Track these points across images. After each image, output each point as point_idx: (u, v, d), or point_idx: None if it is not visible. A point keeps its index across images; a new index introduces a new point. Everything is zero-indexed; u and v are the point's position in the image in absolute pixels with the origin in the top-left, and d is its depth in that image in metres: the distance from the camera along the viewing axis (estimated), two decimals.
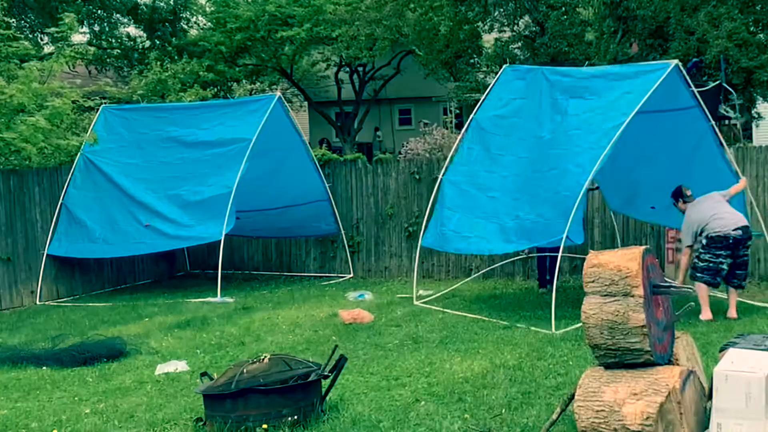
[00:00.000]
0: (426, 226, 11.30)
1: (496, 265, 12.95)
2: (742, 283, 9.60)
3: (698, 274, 9.40)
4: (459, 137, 11.41)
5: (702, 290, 9.31)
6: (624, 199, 11.87)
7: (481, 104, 11.23)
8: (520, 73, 11.36)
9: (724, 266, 9.36)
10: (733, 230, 9.30)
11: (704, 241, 9.43)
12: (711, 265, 9.33)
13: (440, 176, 11.16)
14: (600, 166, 9.46)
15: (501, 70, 11.43)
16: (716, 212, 9.42)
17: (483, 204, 10.57)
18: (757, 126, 20.13)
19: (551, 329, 8.93)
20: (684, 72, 10.19)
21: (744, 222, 9.47)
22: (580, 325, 8.91)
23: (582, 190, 9.44)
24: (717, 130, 10.41)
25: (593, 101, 10.15)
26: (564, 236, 9.39)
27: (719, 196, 9.68)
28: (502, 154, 10.71)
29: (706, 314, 9.29)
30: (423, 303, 11.15)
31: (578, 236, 10.74)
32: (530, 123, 10.60)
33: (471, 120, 11.22)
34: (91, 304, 12.44)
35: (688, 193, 9.77)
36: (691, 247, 9.59)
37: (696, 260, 9.49)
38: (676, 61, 10.00)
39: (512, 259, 12.65)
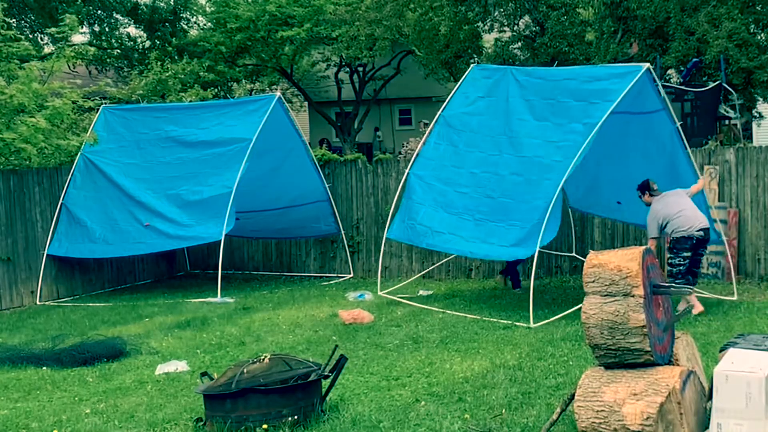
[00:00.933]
0: (391, 219, 11.52)
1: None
2: (694, 280, 9.93)
3: (678, 281, 9.55)
4: (426, 133, 11.63)
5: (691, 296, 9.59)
6: (586, 196, 12.01)
7: (448, 102, 11.46)
8: (487, 72, 11.61)
9: (691, 265, 9.72)
10: (696, 231, 9.61)
11: (670, 244, 9.72)
12: (682, 268, 9.63)
13: (407, 170, 11.38)
14: (571, 172, 9.73)
15: (469, 68, 11.69)
16: (682, 208, 9.67)
17: (452, 199, 10.77)
18: (758, 125, 20.14)
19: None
20: (654, 75, 10.37)
21: (706, 224, 9.75)
22: (557, 317, 9.33)
23: (553, 198, 9.71)
24: (681, 132, 10.73)
25: (567, 104, 10.36)
26: (537, 246, 9.67)
27: (683, 192, 9.96)
28: (470, 150, 10.92)
29: (698, 308, 9.59)
30: (386, 294, 11.53)
31: (552, 232, 10.75)
32: (499, 122, 10.79)
33: (438, 117, 11.42)
34: (91, 304, 12.44)
35: (655, 187, 9.98)
36: (655, 238, 9.80)
37: (670, 268, 9.76)
38: (647, 64, 10.23)
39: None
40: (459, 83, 11.65)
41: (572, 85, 10.47)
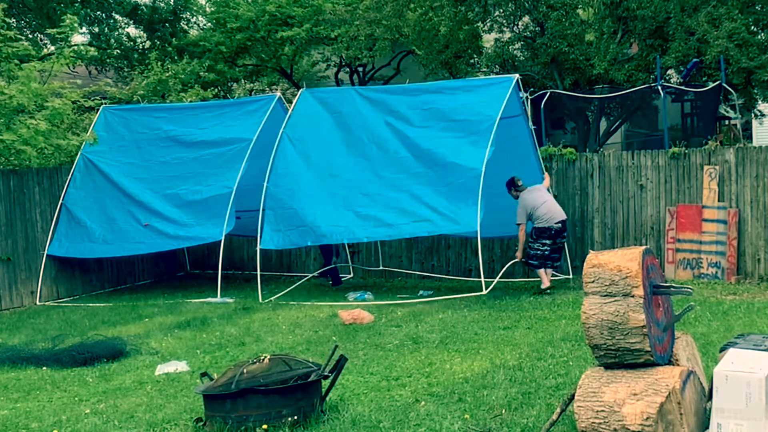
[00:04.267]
0: (261, 229, 12.16)
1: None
2: (556, 264, 11.95)
3: (531, 261, 11.70)
4: (274, 151, 12.46)
5: (540, 270, 11.61)
6: None
7: (287, 121, 12.65)
8: (323, 93, 13.28)
9: (548, 251, 11.56)
10: (555, 223, 11.49)
11: (533, 232, 11.53)
12: (539, 253, 11.56)
13: (264, 185, 12.20)
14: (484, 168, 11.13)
15: (299, 93, 13.05)
16: (545, 201, 11.55)
17: (324, 199, 11.92)
18: (761, 124, 20.16)
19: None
20: (520, 84, 12.18)
21: (563, 216, 11.63)
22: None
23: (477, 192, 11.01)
24: (534, 134, 12.57)
25: (444, 114, 11.89)
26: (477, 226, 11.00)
27: (542, 187, 11.83)
28: (327, 158, 12.22)
29: (545, 283, 11.48)
30: (275, 298, 11.89)
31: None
32: (355, 133, 12.24)
33: (281, 134, 12.51)
34: (91, 305, 12.44)
35: (520, 183, 11.75)
36: (522, 224, 11.60)
37: (528, 249, 11.66)
38: (516, 75, 12.11)
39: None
40: (294, 103, 12.86)
41: (442, 98, 12.05)
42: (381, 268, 14.08)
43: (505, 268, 12.40)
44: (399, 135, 11.97)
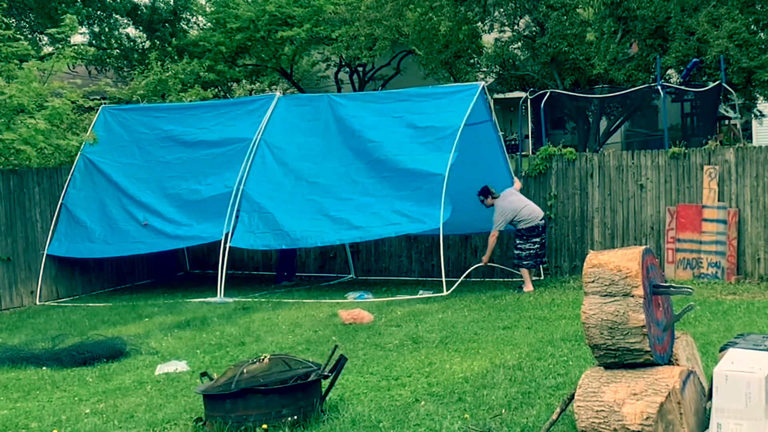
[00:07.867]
0: (234, 228, 12.34)
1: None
2: (543, 260, 12.16)
3: (524, 262, 11.84)
4: (252, 156, 12.67)
5: (525, 272, 11.78)
6: None
7: (264, 127, 12.92)
8: (302, 100, 13.81)
9: (538, 249, 11.84)
10: (540, 220, 11.83)
11: (520, 233, 11.77)
12: (531, 252, 11.80)
13: (241, 187, 12.43)
14: (448, 170, 11.60)
15: (276, 100, 13.32)
16: (525, 204, 11.87)
17: (301, 205, 12.26)
18: (761, 124, 20.17)
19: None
20: (486, 91, 12.59)
21: (542, 213, 11.98)
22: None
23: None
24: (503, 140, 12.96)
25: (409, 119, 12.32)
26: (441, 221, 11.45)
27: (515, 190, 12.13)
28: (304, 165, 12.56)
29: (528, 287, 11.63)
30: (252, 299, 12.01)
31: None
32: (330, 140, 12.59)
33: (258, 141, 12.81)
34: (91, 304, 12.44)
35: (493, 191, 12.02)
36: (497, 231, 11.87)
37: (518, 251, 11.89)
38: (482, 83, 12.60)
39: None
40: (270, 110, 13.03)
41: (411, 106, 12.45)
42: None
43: (468, 271, 12.60)
44: (370, 142, 12.37)
